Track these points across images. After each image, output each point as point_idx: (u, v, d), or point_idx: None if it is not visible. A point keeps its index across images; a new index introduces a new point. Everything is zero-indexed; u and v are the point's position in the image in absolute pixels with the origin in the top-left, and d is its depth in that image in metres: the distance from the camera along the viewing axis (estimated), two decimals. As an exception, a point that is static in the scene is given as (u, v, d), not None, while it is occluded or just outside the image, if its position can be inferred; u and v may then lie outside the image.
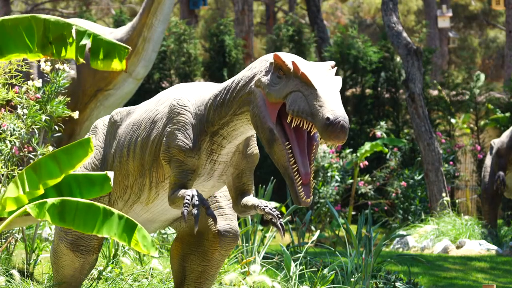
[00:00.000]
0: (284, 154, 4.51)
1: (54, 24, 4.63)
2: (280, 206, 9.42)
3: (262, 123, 4.55)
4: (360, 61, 16.70)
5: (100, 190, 4.66)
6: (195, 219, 4.64)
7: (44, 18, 4.64)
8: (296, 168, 4.50)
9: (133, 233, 4.41)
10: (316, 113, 4.31)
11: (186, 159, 4.88)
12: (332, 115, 4.27)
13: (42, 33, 4.63)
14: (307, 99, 4.37)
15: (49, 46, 4.64)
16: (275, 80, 4.55)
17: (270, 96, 4.54)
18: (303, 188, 4.50)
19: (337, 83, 4.48)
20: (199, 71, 16.78)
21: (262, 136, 4.57)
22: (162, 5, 10.07)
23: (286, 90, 4.47)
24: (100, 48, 4.68)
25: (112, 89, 10.27)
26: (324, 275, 7.30)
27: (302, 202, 4.51)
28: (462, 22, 35.34)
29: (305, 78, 4.41)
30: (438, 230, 12.30)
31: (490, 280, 9.62)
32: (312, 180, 4.57)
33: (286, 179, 4.53)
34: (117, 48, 4.70)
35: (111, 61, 4.70)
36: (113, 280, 6.69)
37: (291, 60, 4.51)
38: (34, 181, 4.48)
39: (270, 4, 25.04)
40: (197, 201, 4.69)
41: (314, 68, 4.52)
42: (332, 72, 4.55)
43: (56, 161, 4.52)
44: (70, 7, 33.14)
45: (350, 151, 14.42)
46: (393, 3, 13.98)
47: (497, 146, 12.63)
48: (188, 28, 16.95)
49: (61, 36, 4.64)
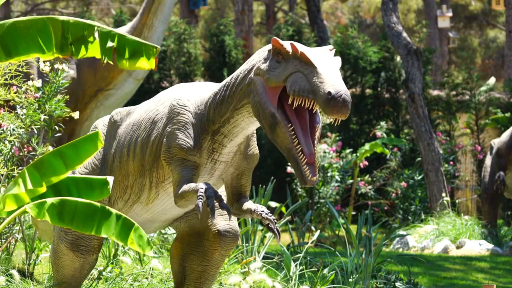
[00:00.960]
0: (287, 136, 4.51)
1: (73, 25, 4.62)
2: (280, 206, 9.42)
3: (263, 108, 4.56)
4: (360, 61, 16.70)
5: (99, 194, 4.66)
6: (211, 210, 4.64)
7: (63, 20, 4.63)
8: (300, 148, 4.51)
9: (130, 233, 4.42)
10: (317, 89, 4.33)
11: (188, 157, 4.88)
12: (334, 89, 4.29)
13: (61, 34, 4.62)
14: (307, 77, 4.39)
15: (68, 47, 4.63)
16: (274, 65, 4.57)
17: (270, 81, 4.56)
18: (308, 167, 4.51)
19: (336, 62, 4.51)
20: (199, 71, 16.78)
21: (264, 122, 4.57)
22: (162, 5, 10.07)
23: (286, 72, 4.49)
24: (125, 47, 4.67)
25: (112, 89, 10.27)
26: (324, 275, 7.29)
27: (308, 181, 4.51)
28: (462, 22, 35.34)
29: (305, 57, 4.44)
30: (438, 230, 12.30)
31: (490, 280, 9.62)
32: (317, 160, 4.58)
33: (291, 160, 4.53)
34: (145, 47, 4.70)
35: (137, 60, 4.70)
36: (113, 280, 6.69)
37: (289, 43, 4.54)
38: (36, 179, 4.47)
39: (270, 4, 25.04)
40: (211, 193, 4.68)
41: (313, 50, 4.55)
42: (331, 54, 4.58)
43: (61, 157, 4.52)
44: (70, 7, 33.14)
45: (350, 151, 14.42)
46: (393, 3, 13.98)
47: (497, 146, 12.63)
48: (188, 27, 16.94)
49: (82, 37, 4.63)
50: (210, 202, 4.65)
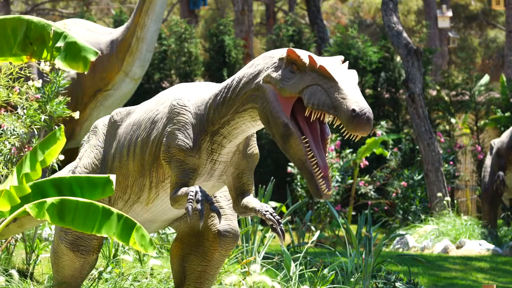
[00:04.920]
0: (301, 148, 4.50)
1: (35, 25, 4.63)
2: (280, 206, 9.42)
3: (275, 118, 4.54)
4: (360, 61, 16.70)
5: (102, 193, 4.66)
6: (200, 214, 4.64)
7: (28, 19, 4.64)
8: (315, 161, 4.51)
9: (132, 232, 4.41)
10: (340, 105, 4.31)
11: (187, 159, 4.88)
12: (358, 107, 4.28)
13: (24, 33, 4.63)
14: (327, 92, 4.37)
15: (29, 46, 4.64)
16: (288, 75, 4.54)
17: (283, 91, 4.53)
18: (324, 180, 4.51)
19: (354, 76, 4.50)
20: (199, 71, 16.76)
21: (276, 131, 4.55)
22: (153, 5, 10.09)
23: (302, 84, 4.46)
24: (70, 48, 4.68)
25: (111, 89, 10.28)
26: (324, 275, 7.29)
27: (323, 195, 4.51)
28: (462, 22, 35.34)
29: (325, 71, 4.41)
30: (438, 230, 12.29)
31: (490, 280, 9.62)
32: (331, 173, 4.59)
33: (304, 173, 4.51)
34: (86, 51, 4.70)
35: (75, 62, 4.70)
36: (113, 280, 6.69)
37: (307, 55, 4.51)
38: (19, 175, 4.50)
39: (270, 4, 25.03)
40: (201, 196, 4.69)
41: (329, 62, 4.53)
42: (345, 66, 4.56)
43: (35, 154, 4.54)
44: (70, 7, 33.13)
45: (350, 151, 14.42)
46: (393, 3, 13.98)
47: (497, 146, 12.63)
48: (190, 27, 16.93)
49: (40, 36, 4.64)
50: (199, 206, 4.66)
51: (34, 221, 6.34)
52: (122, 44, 10.19)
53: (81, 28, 10.40)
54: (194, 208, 4.71)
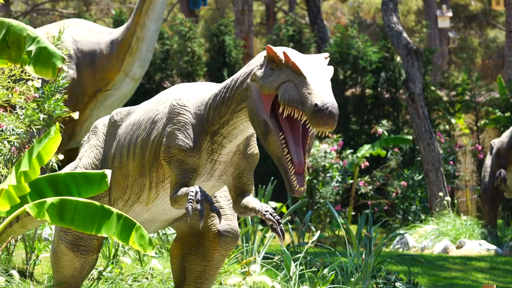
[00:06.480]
0: (278, 144, 4.54)
1: (14, 28, 4.63)
2: (280, 207, 9.42)
3: (257, 115, 4.59)
4: (360, 61, 16.70)
5: (98, 189, 4.65)
6: (200, 214, 4.65)
7: (8, 22, 4.63)
8: (290, 157, 4.53)
9: (131, 232, 4.42)
10: (305, 100, 4.34)
11: (187, 159, 4.88)
12: (320, 102, 4.29)
13: (3, 37, 4.63)
14: (297, 87, 4.41)
15: (7, 50, 4.64)
16: (268, 72, 4.59)
17: (263, 88, 4.58)
18: (296, 177, 4.53)
19: (328, 72, 4.51)
20: (202, 71, 16.74)
21: (257, 128, 4.60)
22: (153, 5, 10.09)
23: (278, 81, 4.51)
24: (41, 53, 4.66)
25: (111, 89, 10.28)
26: (324, 275, 7.29)
27: (295, 191, 4.54)
28: (462, 22, 35.34)
29: (295, 67, 4.44)
30: (438, 230, 12.29)
31: (490, 280, 9.61)
32: (306, 170, 4.59)
33: (280, 169, 4.56)
34: (56, 57, 4.67)
35: (44, 68, 4.68)
36: (113, 280, 6.69)
37: (282, 51, 4.53)
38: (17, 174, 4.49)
39: (270, 4, 25.03)
40: (201, 196, 4.70)
41: (306, 58, 4.55)
42: (324, 63, 4.57)
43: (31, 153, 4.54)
44: (70, 7, 33.13)
45: (351, 151, 14.42)
46: (393, 3, 13.98)
47: (497, 146, 12.63)
48: (194, 26, 16.92)
49: (17, 41, 4.63)
50: (199, 206, 4.66)
51: (36, 221, 6.34)
52: (122, 44, 10.18)
53: (81, 28, 10.39)
54: (194, 208, 4.71)
